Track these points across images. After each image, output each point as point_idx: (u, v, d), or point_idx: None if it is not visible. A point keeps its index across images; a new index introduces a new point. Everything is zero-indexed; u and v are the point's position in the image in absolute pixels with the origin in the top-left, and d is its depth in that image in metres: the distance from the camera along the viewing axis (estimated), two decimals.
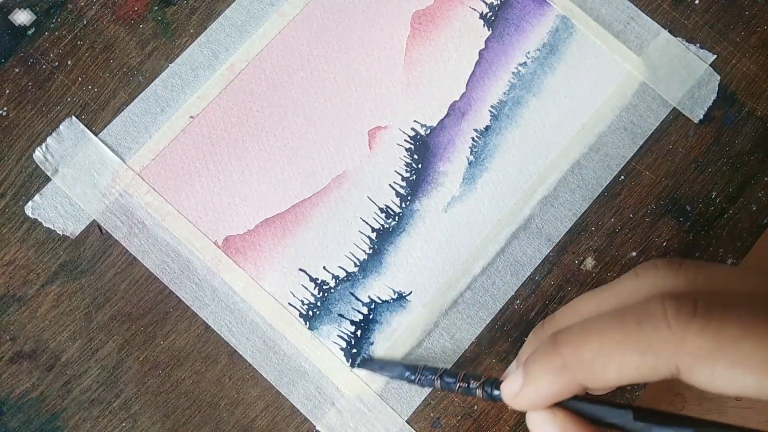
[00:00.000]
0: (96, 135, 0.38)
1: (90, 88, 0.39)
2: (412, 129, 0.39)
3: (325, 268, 0.38)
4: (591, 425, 0.27)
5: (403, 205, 0.38)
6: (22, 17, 0.40)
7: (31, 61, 0.39)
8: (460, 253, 0.38)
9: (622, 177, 0.39)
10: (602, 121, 0.39)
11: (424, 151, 0.39)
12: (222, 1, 0.40)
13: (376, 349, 0.37)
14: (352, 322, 0.37)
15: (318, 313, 0.37)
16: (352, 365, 0.36)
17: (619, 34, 0.40)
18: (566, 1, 0.41)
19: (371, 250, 0.38)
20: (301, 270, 0.37)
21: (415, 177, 0.39)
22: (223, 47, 0.40)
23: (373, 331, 0.37)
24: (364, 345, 0.37)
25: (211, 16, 0.40)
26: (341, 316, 0.37)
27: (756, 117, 0.40)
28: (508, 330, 0.37)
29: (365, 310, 0.37)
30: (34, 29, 0.39)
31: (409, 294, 0.37)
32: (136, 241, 0.37)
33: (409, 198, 0.38)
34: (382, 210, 0.38)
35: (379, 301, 0.37)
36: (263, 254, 0.38)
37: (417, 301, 0.37)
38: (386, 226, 0.38)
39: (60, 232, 0.37)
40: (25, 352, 0.36)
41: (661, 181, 0.39)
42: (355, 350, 0.37)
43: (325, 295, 0.37)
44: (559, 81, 0.40)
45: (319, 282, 0.37)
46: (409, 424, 0.36)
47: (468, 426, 0.36)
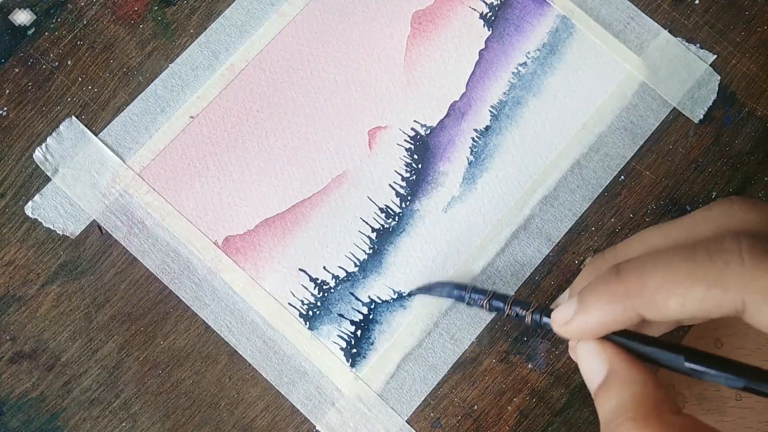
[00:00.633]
0: (96, 135, 0.38)
1: (90, 88, 0.39)
2: (412, 129, 0.39)
3: (325, 268, 0.38)
4: (639, 362, 0.26)
5: (403, 205, 0.38)
6: (22, 17, 0.39)
7: (31, 61, 0.39)
8: (460, 253, 0.38)
9: (622, 177, 0.39)
10: (602, 121, 0.39)
11: (424, 151, 0.39)
12: (222, 1, 0.40)
13: (376, 349, 0.37)
14: (352, 322, 0.37)
15: (318, 313, 0.37)
16: (409, 295, 0.37)
17: (619, 34, 0.40)
18: (566, 1, 0.41)
19: (371, 250, 0.38)
20: (301, 270, 0.37)
21: (415, 177, 0.39)
22: (223, 47, 0.40)
23: (373, 331, 0.37)
24: (364, 345, 0.37)
25: (211, 16, 0.40)
26: (341, 316, 0.37)
27: (756, 117, 0.40)
28: (508, 330, 0.37)
29: (365, 310, 0.37)
30: (34, 29, 0.39)
31: (410, 294, 0.37)
32: (136, 241, 0.37)
33: (409, 198, 0.38)
34: (382, 210, 0.38)
35: (379, 301, 0.37)
36: (263, 254, 0.38)
37: (417, 301, 0.37)
38: (386, 226, 0.38)
39: (60, 232, 0.37)
40: (25, 352, 0.36)
41: (661, 181, 0.39)
42: (355, 350, 0.37)
43: (325, 295, 0.37)
44: (559, 81, 0.40)
45: (319, 282, 0.37)
46: (409, 424, 0.36)
47: (468, 426, 0.36)
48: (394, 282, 0.37)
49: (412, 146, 0.39)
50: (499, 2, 0.41)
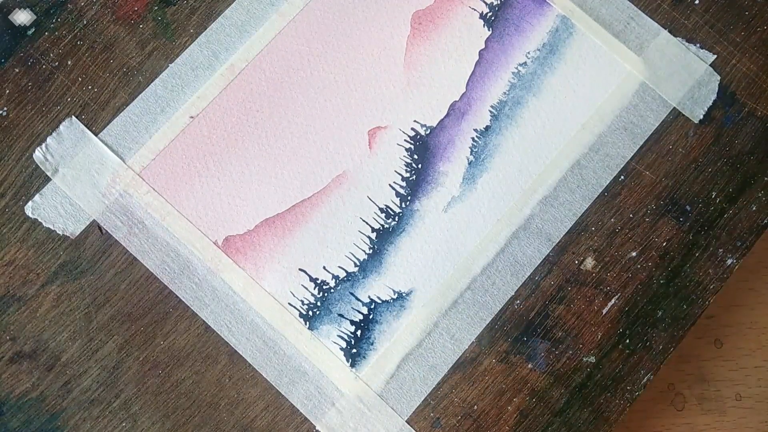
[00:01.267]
0: (96, 135, 0.38)
1: (90, 88, 0.39)
2: (412, 129, 0.39)
3: (325, 268, 0.38)
4: None
5: (403, 205, 0.38)
6: (22, 17, 0.40)
7: (31, 61, 0.39)
8: (460, 253, 0.38)
9: (622, 177, 0.39)
10: (602, 121, 0.39)
11: (424, 151, 0.39)
12: (222, 1, 0.40)
13: (376, 349, 0.37)
14: (352, 322, 0.37)
15: (318, 313, 0.37)
16: None
17: (619, 34, 0.40)
18: (566, 1, 0.41)
19: (371, 250, 0.38)
20: (301, 270, 0.38)
21: (415, 177, 0.39)
22: (223, 47, 0.40)
23: (373, 331, 0.37)
24: (364, 345, 0.37)
25: (211, 16, 0.40)
26: (341, 316, 0.37)
27: (756, 117, 0.40)
28: (508, 330, 0.37)
29: (365, 310, 0.37)
30: (34, 29, 0.39)
31: (409, 294, 0.37)
32: (136, 241, 0.37)
33: (409, 198, 0.38)
34: (382, 210, 0.38)
35: (379, 301, 0.37)
36: (263, 254, 0.38)
37: (417, 301, 0.37)
38: (386, 226, 0.38)
39: (60, 232, 0.37)
40: (25, 352, 0.36)
41: (661, 181, 0.39)
42: (355, 350, 0.37)
43: (325, 295, 0.37)
44: (559, 81, 0.40)
45: (319, 282, 0.37)
46: (409, 424, 0.36)
47: (468, 426, 0.36)
48: (394, 282, 0.37)
49: (412, 146, 0.39)
50: (499, 2, 0.41)
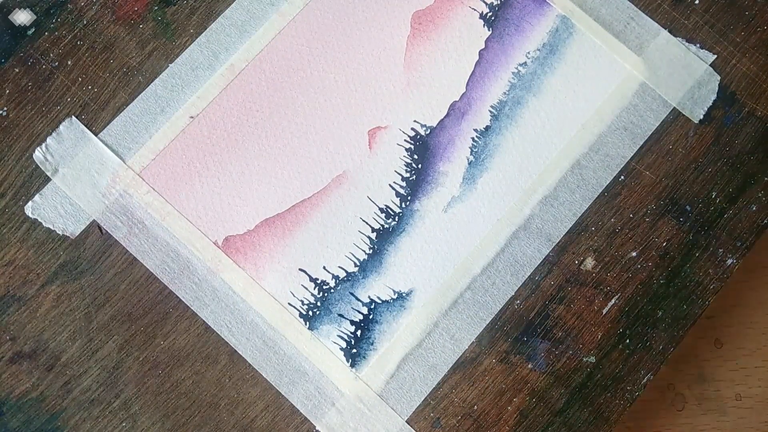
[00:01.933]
0: (96, 135, 0.38)
1: (90, 88, 0.39)
2: (412, 129, 0.39)
3: (325, 268, 0.38)
4: None
5: (403, 205, 0.38)
6: (22, 17, 0.40)
7: (31, 61, 0.39)
8: (460, 253, 0.38)
9: (622, 177, 0.39)
10: (602, 121, 0.39)
11: (424, 151, 0.39)
12: (222, 1, 0.40)
13: (376, 349, 0.37)
14: (352, 322, 0.37)
15: (318, 313, 0.37)
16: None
17: (619, 34, 0.40)
18: (566, 1, 0.41)
19: (371, 250, 0.38)
20: (301, 270, 0.38)
21: (415, 177, 0.39)
22: (223, 47, 0.40)
23: (373, 331, 0.37)
24: (364, 345, 0.37)
25: (211, 16, 0.40)
26: (341, 316, 0.37)
27: (756, 117, 0.40)
28: (508, 330, 0.37)
29: (365, 310, 0.37)
30: (34, 29, 0.39)
31: (409, 294, 0.37)
32: (136, 241, 0.37)
33: (409, 198, 0.38)
34: (382, 210, 0.38)
35: (379, 301, 0.37)
36: (263, 254, 0.38)
37: (417, 301, 0.37)
38: (386, 226, 0.38)
39: (60, 232, 0.37)
40: (25, 352, 0.36)
41: (661, 181, 0.39)
42: (355, 350, 0.37)
43: (325, 295, 0.37)
44: (559, 81, 0.40)
45: (319, 282, 0.37)
46: (409, 424, 0.36)
47: (468, 426, 0.36)
48: (394, 282, 0.38)
49: (412, 146, 0.39)
50: (499, 2, 0.41)
